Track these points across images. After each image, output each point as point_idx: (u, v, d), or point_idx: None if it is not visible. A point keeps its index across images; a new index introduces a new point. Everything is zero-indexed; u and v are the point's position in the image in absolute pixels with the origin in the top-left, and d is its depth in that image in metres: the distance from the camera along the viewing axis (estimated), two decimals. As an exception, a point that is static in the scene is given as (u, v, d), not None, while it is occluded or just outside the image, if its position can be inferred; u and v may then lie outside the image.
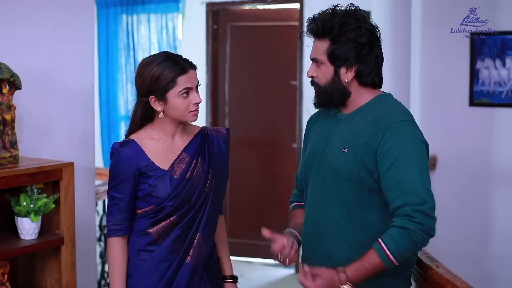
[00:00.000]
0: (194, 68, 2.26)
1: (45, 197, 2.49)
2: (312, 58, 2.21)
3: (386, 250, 2.02)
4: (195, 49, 5.80)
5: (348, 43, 2.14)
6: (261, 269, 5.70)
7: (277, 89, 5.85)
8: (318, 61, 2.19)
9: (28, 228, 2.48)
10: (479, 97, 4.47)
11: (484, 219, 4.54)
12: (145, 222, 2.26)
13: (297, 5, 5.57)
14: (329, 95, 2.20)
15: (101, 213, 4.79)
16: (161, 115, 2.26)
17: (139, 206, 2.27)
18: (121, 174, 2.24)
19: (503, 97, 4.41)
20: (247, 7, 5.87)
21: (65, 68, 3.07)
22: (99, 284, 4.48)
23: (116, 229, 2.25)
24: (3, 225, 2.62)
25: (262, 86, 5.92)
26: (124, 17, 6.21)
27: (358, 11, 2.18)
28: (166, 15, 6.04)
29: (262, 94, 5.93)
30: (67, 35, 3.06)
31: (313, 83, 2.23)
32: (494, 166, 4.51)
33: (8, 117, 2.45)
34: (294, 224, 2.35)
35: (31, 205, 2.45)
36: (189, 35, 5.98)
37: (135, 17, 6.18)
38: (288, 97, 5.75)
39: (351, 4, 2.19)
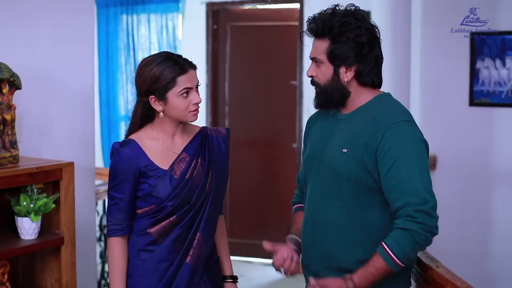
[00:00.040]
0: (194, 68, 2.26)
1: (45, 197, 2.49)
2: (312, 58, 2.21)
3: (390, 253, 2.03)
4: (195, 49, 5.80)
5: (348, 42, 2.14)
6: (261, 269, 5.70)
7: (277, 89, 5.85)
8: (318, 61, 2.19)
9: (28, 228, 2.48)
10: (479, 97, 4.47)
11: (484, 219, 4.54)
12: (145, 222, 2.26)
13: (297, 5, 5.57)
14: (328, 95, 2.20)
15: (101, 213, 4.79)
16: (161, 115, 2.25)
17: (139, 206, 2.27)
18: (121, 174, 2.24)
19: (503, 97, 4.41)
20: (247, 7, 5.87)
21: (65, 68, 3.07)
22: (99, 284, 4.48)
23: (116, 229, 2.25)
24: (3, 225, 2.62)
25: (262, 86, 5.92)
26: (124, 17, 6.21)
27: (358, 11, 2.18)
28: (166, 15, 6.04)
29: (262, 94, 5.93)
30: (67, 35, 3.06)
31: (313, 82, 2.23)
32: (494, 166, 4.51)
33: (8, 117, 2.45)
34: (296, 229, 2.35)
35: (31, 205, 2.45)
36: (189, 35, 5.98)
37: (135, 17, 6.17)
38: (288, 97, 5.74)
39: (351, 4, 2.19)
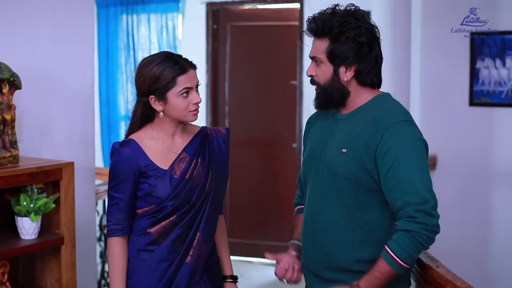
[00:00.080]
0: (194, 67, 2.26)
1: (45, 196, 2.49)
2: (312, 57, 2.21)
3: (394, 256, 2.03)
4: (195, 49, 5.80)
5: (348, 42, 2.14)
6: (261, 269, 5.70)
7: (277, 89, 5.85)
8: (318, 60, 2.19)
9: (28, 228, 2.48)
10: (479, 97, 4.47)
11: (484, 219, 4.54)
12: (145, 222, 2.26)
13: (297, 5, 5.57)
14: (328, 95, 2.20)
15: (101, 212, 4.79)
16: (161, 115, 2.25)
17: (139, 206, 2.27)
18: (121, 174, 2.24)
19: (503, 96, 4.41)
20: (247, 7, 5.87)
21: (65, 68, 3.07)
22: (99, 284, 4.48)
23: (116, 229, 2.25)
24: (3, 225, 2.62)
25: (262, 86, 5.92)
26: (124, 16, 6.21)
27: (358, 10, 2.18)
28: (166, 14, 6.04)
29: (262, 94, 5.93)
30: (67, 35, 3.06)
31: (312, 82, 2.23)
32: (494, 166, 4.51)
33: (8, 116, 2.45)
34: (298, 234, 2.35)
35: (31, 205, 2.45)
36: (189, 35, 5.98)
37: (135, 16, 6.17)
38: (288, 97, 5.74)
39: (351, 4, 2.19)
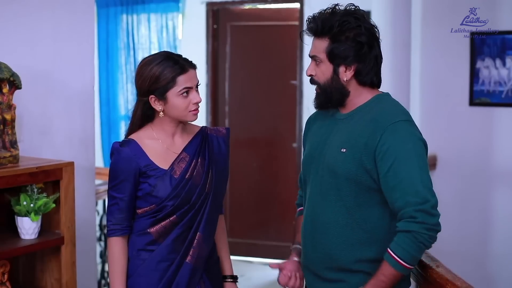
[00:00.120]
0: (194, 67, 2.26)
1: (45, 196, 2.49)
2: (312, 56, 2.21)
3: (397, 258, 2.03)
4: (195, 48, 5.80)
5: (348, 42, 2.14)
6: (261, 269, 5.69)
7: (277, 88, 5.85)
8: (317, 60, 2.19)
9: (28, 228, 2.48)
10: (479, 97, 4.47)
11: (484, 219, 4.54)
12: (145, 221, 2.26)
13: (297, 5, 5.57)
14: (328, 94, 2.20)
15: (101, 212, 4.79)
16: (161, 114, 2.25)
17: (139, 206, 2.27)
18: (121, 174, 2.24)
19: (503, 96, 4.41)
20: (247, 6, 5.87)
21: (65, 67, 3.07)
22: (99, 284, 4.48)
23: (116, 229, 2.25)
24: (3, 224, 2.62)
25: (262, 86, 5.92)
26: (124, 16, 6.21)
27: (357, 10, 2.18)
28: (166, 14, 6.04)
29: (262, 94, 5.93)
30: (67, 34, 3.06)
31: (312, 81, 2.23)
32: (494, 165, 4.51)
33: (8, 116, 2.45)
34: (300, 238, 2.35)
35: (31, 205, 2.45)
36: (189, 34, 5.98)
37: (135, 16, 6.18)
38: (288, 97, 5.74)
39: (350, 4, 2.20)
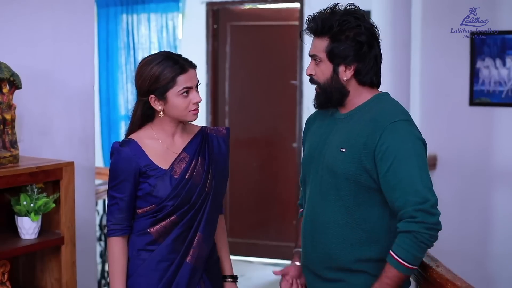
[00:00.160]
0: (194, 67, 2.26)
1: (45, 196, 2.49)
2: (311, 55, 2.21)
3: (399, 259, 2.04)
4: (195, 48, 5.80)
5: (348, 41, 2.14)
6: (261, 269, 5.69)
7: (277, 88, 5.85)
8: (317, 59, 2.19)
9: (28, 228, 2.48)
10: (479, 97, 4.47)
11: (484, 219, 4.54)
12: (145, 221, 2.26)
13: (297, 5, 5.57)
14: (328, 94, 2.20)
15: (101, 212, 4.79)
16: (161, 114, 2.25)
17: (139, 206, 2.27)
18: (121, 174, 2.24)
19: (503, 96, 4.41)
20: (247, 6, 5.87)
21: (65, 67, 3.07)
22: (99, 284, 4.48)
23: (116, 229, 2.25)
24: (3, 224, 2.62)
25: (262, 86, 5.92)
26: (124, 16, 6.21)
27: (357, 10, 2.18)
28: (166, 14, 6.04)
29: (262, 94, 5.93)
30: (67, 34, 3.06)
31: (311, 80, 2.23)
32: (494, 165, 4.51)
33: (8, 116, 2.45)
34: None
35: (31, 205, 2.45)
36: (189, 34, 5.98)
37: (135, 16, 6.18)
38: (288, 97, 5.74)
39: (350, 4, 2.20)
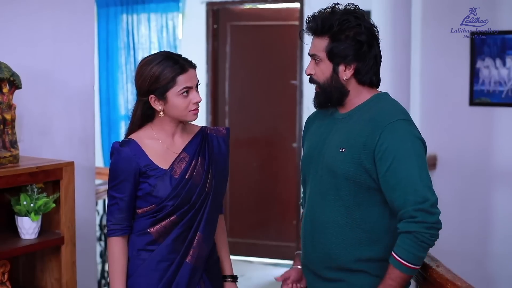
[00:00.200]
0: (194, 67, 2.26)
1: (45, 196, 2.49)
2: (311, 55, 2.21)
3: (401, 260, 2.04)
4: (195, 48, 5.80)
5: (348, 40, 2.14)
6: (261, 269, 5.70)
7: (277, 88, 5.85)
8: (317, 59, 2.19)
9: (28, 228, 2.48)
10: (479, 97, 4.47)
11: (484, 219, 4.55)
12: (145, 221, 2.26)
13: (297, 5, 5.57)
14: (327, 94, 2.20)
15: (101, 212, 4.79)
16: (161, 114, 2.25)
17: (139, 206, 2.26)
18: (121, 174, 2.24)
19: (503, 96, 4.41)
20: (247, 6, 5.87)
21: (65, 67, 3.07)
22: (99, 284, 4.48)
23: (116, 229, 2.25)
24: (3, 224, 2.62)
25: (262, 86, 5.92)
26: (124, 16, 6.21)
27: (357, 9, 2.18)
28: (166, 14, 6.04)
29: (262, 94, 5.93)
30: (67, 34, 3.06)
31: (311, 80, 2.23)
32: (494, 165, 4.51)
33: (8, 116, 2.45)
34: None
35: (31, 205, 2.45)
36: (189, 34, 5.98)
37: (135, 16, 6.18)
38: (288, 97, 5.75)
39: (350, 3, 2.20)
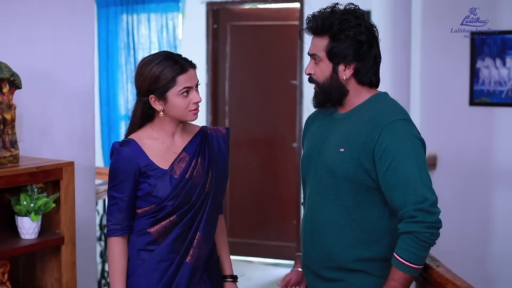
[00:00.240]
0: (194, 67, 2.26)
1: (45, 196, 2.49)
2: (311, 54, 2.21)
3: (403, 261, 2.04)
4: (195, 48, 5.80)
5: (348, 40, 2.14)
6: (261, 269, 5.70)
7: (277, 88, 5.85)
8: (317, 58, 2.19)
9: (28, 228, 2.48)
10: (479, 97, 4.48)
11: (484, 218, 4.55)
12: (145, 221, 2.26)
13: (297, 5, 5.57)
14: (327, 93, 2.20)
15: (101, 212, 4.79)
16: (161, 114, 2.25)
17: (139, 206, 2.26)
18: (121, 174, 2.24)
19: (503, 96, 4.41)
20: (247, 6, 5.87)
21: (65, 67, 3.07)
22: (99, 284, 4.48)
23: (116, 229, 2.25)
24: (3, 224, 2.62)
25: (262, 86, 5.92)
26: (124, 16, 6.21)
27: (357, 9, 2.18)
28: (166, 14, 6.04)
29: (262, 94, 5.93)
30: (67, 34, 3.06)
31: (310, 80, 2.23)
32: (494, 165, 4.52)
33: (8, 116, 2.45)
34: None
35: (31, 205, 2.45)
36: (189, 34, 5.98)
37: (135, 16, 6.18)
38: (288, 97, 5.75)
39: (350, 3, 2.20)
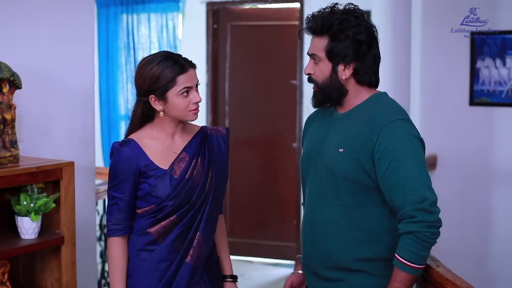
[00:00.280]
0: (194, 67, 2.26)
1: (45, 196, 2.49)
2: (310, 54, 2.21)
3: (405, 261, 2.04)
4: (195, 48, 5.80)
5: (347, 40, 2.14)
6: (261, 269, 5.70)
7: (277, 88, 5.85)
8: (316, 58, 2.19)
9: (28, 228, 2.48)
10: (479, 97, 4.48)
11: (484, 218, 4.55)
12: (145, 221, 2.26)
13: (297, 5, 5.57)
14: (326, 93, 2.21)
15: (101, 212, 4.79)
16: (161, 114, 2.25)
17: (139, 206, 2.27)
18: (121, 174, 2.24)
19: (503, 96, 4.41)
20: (247, 6, 5.87)
21: (65, 67, 3.07)
22: (99, 284, 4.48)
23: (116, 229, 2.25)
24: (3, 224, 2.62)
25: (262, 86, 5.92)
26: (124, 16, 6.21)
27: (357, 9, 2.19)
28: (166, 14, 6.04)
29: (262, 94, 5.93)
30: (67, 34, 3.06)
31: (310, 80, 2.23)
32: (494, 165, 4.52)
33: (8, 116, 2.45)
34: None
35: (31, 205, 2.45)
36: (189, 34, 5.99)
37: (135, 16, 6.18)
38: (288, 97, 5.75)
39: (350, 3, 2.20)
